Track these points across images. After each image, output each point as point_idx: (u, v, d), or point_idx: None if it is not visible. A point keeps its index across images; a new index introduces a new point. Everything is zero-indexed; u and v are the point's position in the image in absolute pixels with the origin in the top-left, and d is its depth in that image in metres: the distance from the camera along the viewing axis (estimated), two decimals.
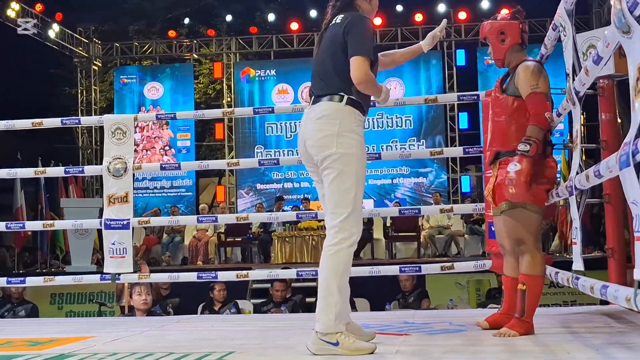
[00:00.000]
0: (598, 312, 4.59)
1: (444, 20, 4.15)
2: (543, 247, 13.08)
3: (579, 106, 3.72)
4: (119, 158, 5.79)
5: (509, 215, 3.91)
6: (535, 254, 3.83)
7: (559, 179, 13.06)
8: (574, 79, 3.69)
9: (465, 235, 14.15)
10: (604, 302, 3.80)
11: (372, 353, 3.30)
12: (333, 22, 3.65)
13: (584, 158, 3.77)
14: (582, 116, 3.73)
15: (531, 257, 3.83)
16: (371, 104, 3.92)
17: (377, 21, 18.05)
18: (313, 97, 3.61)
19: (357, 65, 3.45)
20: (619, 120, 5.18)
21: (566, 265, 4.02)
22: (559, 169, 13.80)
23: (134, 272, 5.89)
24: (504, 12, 4.27)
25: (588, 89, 3.66)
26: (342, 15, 3.61)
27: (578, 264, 3.74)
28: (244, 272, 5.97)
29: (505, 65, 4.13)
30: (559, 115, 4.07)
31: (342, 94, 3.50)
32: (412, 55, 4.19)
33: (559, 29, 4.04)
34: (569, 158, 11.57)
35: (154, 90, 19.41)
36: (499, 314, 4.06)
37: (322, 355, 3.30)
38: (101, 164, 5.86)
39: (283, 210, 14.46)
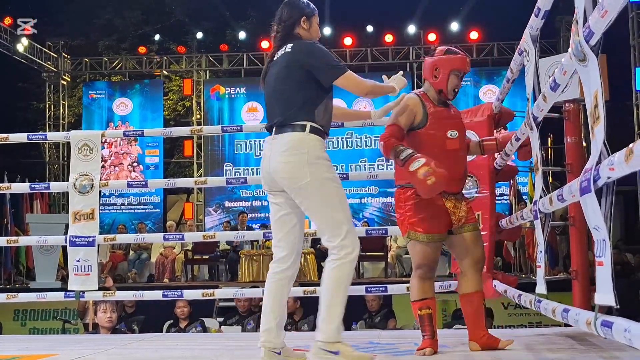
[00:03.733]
0: (562, 334, 4.62)
1: (401, 95, 4.14)
2: (507, 267, 13.22)
3: (536, 131, 3.78)
4: (86, 174, 5.75)
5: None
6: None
7: (525, 200, 13.19)
8: (533, 104, 3.76)
9: None
10: (569, 324, 3.82)
11: None
12: (281, 52, 3.72)
13: (550, 180, 3.83)
14: (549, 138, 3.79)
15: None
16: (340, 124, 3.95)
17: (348, 41, 18.16)
18: (274, 128, 3.66)
19: (349, 82, 3.64)
20: (584, 144, 5.24)
21: (532, 286, 4.04)
22: (525, 191, 13.96)
23: (99, 288, 5.84)
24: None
25: (554, 112, 3.71)
26: (292, 44, 3.69)
27: (541, 287, 3.77)
28: (210, 290, 5.95)
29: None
30: (517, 139, 4.11)
31: (304, 122, 3.58)
32: (359, 119, 4.73)
33: (524, 54, 4.10)
34: (534, 180, 11.69)
35: (123, 106, 19.29)
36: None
37: None
38: (68, 179, 5.83)
39: (250, 228, 14.43)
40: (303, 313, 8.26)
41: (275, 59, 3.75)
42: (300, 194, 3.58)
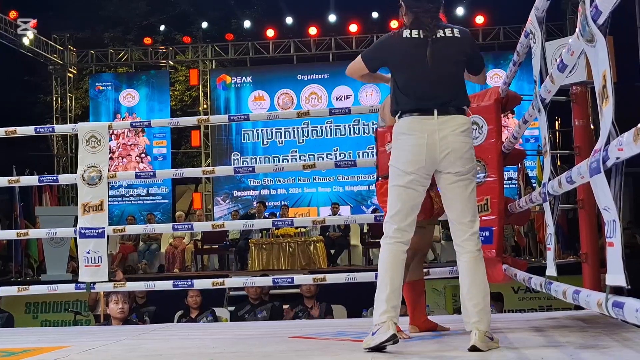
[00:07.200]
0: (573, 317, 4.61)
1: None
2: (517, 252, 13.23)
3: (544, 113, 3.76)
4: (94, 166, 5.76)
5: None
6: None
7: (534, 184, 13.17)
8: (541, 86, 3.74)
9: (442, 241, 14.16)
10: (579, 307, 3.83)
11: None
12: (447, 34, 3.60)
13: (558, 163, 3.83)
14: (557, 122, 3.80)
15: None
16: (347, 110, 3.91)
17: (353, 28, 18.11)
18: (438, 108, 3.51)
19: (483, 73, 3.86)
20: (592, 127, 5.21)
21: (542, 270, 4.04)
22: (534, 175, 13.94)
23: (109, 280, 5.85)
24: None
25: (562, 95, 3.70)
26: (457, 30, 3.65)
27: (551, 270, 3.76)
28: (220, 279, 5.96)
29: None
30: (525, 122, 4.11)
31: (466, 108, 3.61)
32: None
33: (530, 36, 4.08)
34: (543, 164, 11.65)
35: (129, 97, 19.33)
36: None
37: (488, 350, 3.39)
38: (76, 171, 5.83)
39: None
40: (315, 300, 8.26)
41: (436, 37, 3.57)
42: (464, 177, 3.53)
